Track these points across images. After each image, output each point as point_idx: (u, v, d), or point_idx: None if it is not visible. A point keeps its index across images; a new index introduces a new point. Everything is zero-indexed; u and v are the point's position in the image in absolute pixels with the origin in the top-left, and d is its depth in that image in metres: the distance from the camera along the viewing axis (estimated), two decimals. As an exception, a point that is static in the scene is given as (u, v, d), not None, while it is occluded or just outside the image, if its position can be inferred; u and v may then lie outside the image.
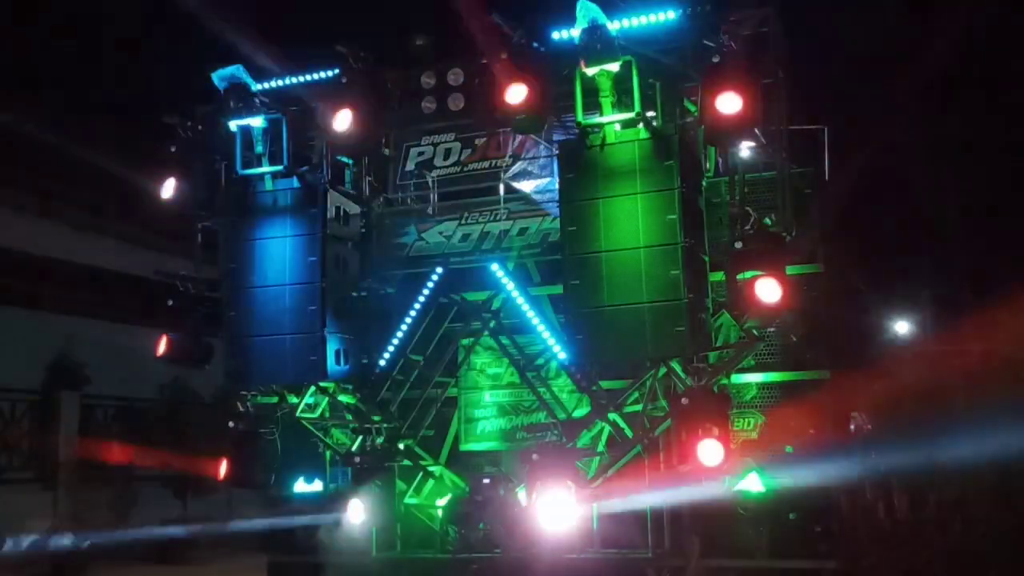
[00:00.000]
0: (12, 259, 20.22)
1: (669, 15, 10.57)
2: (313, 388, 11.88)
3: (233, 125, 11.81)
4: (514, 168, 12.51)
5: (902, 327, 26.47)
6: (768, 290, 9.80)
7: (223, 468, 11.95)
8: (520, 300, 11.51)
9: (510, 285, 11.62)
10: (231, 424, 12.02)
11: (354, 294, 12.46)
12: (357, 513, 11.42)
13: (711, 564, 10.93)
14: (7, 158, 19.78)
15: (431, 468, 12.31)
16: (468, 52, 11.69)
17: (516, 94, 10.51)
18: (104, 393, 21.47)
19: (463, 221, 12.31)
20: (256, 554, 14.27)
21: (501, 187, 12.43)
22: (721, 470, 9.84)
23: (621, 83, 10.29)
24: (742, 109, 9.82)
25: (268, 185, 12.01)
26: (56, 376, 20.61)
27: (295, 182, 11.96)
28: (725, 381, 10.83)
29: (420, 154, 13.04)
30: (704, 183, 10.94)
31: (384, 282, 12.81)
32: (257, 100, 11.75)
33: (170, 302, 12.42)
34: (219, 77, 11.61)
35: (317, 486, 12.20)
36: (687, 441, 9.83)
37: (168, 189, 12.47)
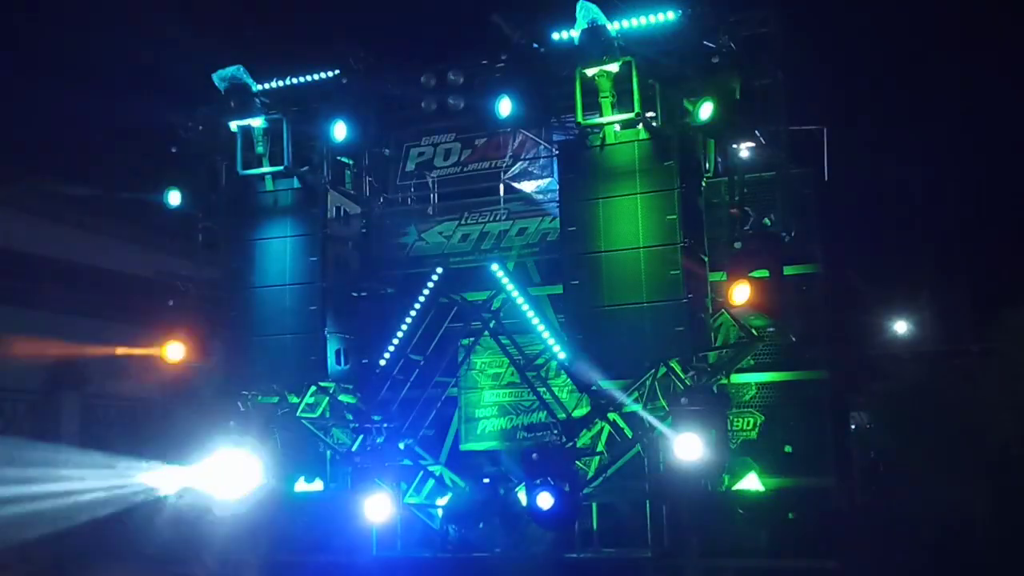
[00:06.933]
0: (12, 259, 20.21)
1: (669, 16, 10.59)
2: (314, 388, 11.89)
3: (234, 125, 11.85)
4: (514, 169, 12.54)
5: (901, 327, 26.46)
6: (739, 292, 9.89)
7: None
8: (520, 300, 11.52)
9: (510, 285, 11.63)
10: (231, 424, 12.01)
11: (354, 294, 12.48)
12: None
13: (711, 564, 10.95)
14: (7, 157, 19.78)
15: (431, 468, 12.31)
16: (469, 53, 11.75)
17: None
18: (104, 393, 21.45)
19: (463, 221, 12.34)
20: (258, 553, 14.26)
21: (501, 187, 12.46)
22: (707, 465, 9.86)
23: (621, 84, 10.32)
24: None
25: (269, 185, 12.07)
26: (56, 376, 20.61)
27: (295, 182, 12.01)
28: (725, 381, 10.85)
29: (420, 154, 13.06)
30: (704, 183, 10.97)
31: (384, 282, 12.83)
32: (258, 101, 11.79)
33: (171, 302, 12.43)
34: (219, 78, 11.65)
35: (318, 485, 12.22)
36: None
37: (170, 191, 12.49)
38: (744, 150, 11.15)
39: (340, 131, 11.78)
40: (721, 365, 10.67)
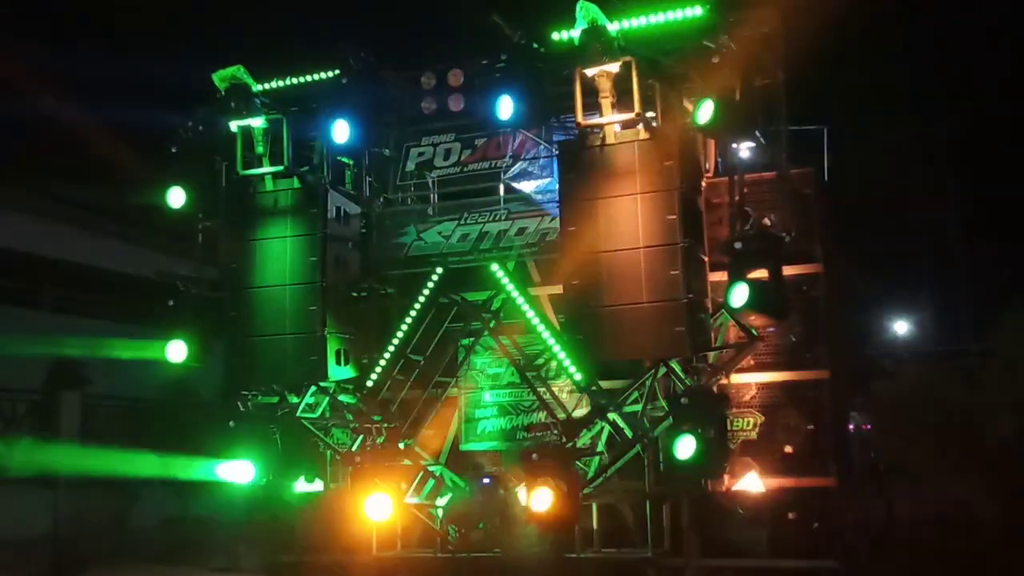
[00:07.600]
0: (12, 259, 20.24)
1: (669, 16, 10.58)
2: (314, 388, 11.89)
3: (234, 126, 11.85)
4: (514, 168, 12.52)
5: (901, 327, 26.52)
6: (739, 292, 9.88)
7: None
8: (520, 300, 11.52)
9: (510, 285, 11.63)
10: (231, 424, 12.01)
11: (354, 294, 12.48)
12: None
13: (711, 564, 10.95)
14: (7, 157, 19.82)
15: (431, 468, 12.31)
16: (468, 53, 11.75)
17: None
18: (105, 393, 21.44)
19: (462, 221, 12.32)
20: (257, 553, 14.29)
21: (501, 187, 12.45)
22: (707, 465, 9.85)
23: (621, 84, 10.31)
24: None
25: (269, 185, 12.07)
26: (56, 376, 20.60)
27: (295, 182, 12.01)
28: (725, 381, 10.84)
29: (420, 154, 13.05)
30: (704, 183, 10.97)
31: (384, 282, 12.83)
32: (257, 100, 11.78)
33: (171, 302, 12.43)
34: (220, 78, 11.65)
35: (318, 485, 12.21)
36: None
37: (171, 192, 12.49)
38: (744, 150, 11.14)
39: (340, 131, 11.76)
40: (721, 365, 10.67)
